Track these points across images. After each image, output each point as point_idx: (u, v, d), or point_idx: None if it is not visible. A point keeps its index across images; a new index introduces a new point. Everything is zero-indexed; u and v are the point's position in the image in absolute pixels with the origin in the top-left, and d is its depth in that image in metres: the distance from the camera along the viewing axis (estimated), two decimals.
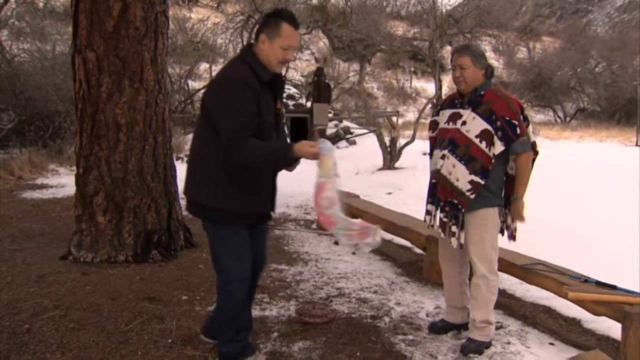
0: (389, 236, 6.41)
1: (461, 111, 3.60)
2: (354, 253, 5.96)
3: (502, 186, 3.66)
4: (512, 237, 3.77)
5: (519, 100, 3.61)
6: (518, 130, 3.43)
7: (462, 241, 3.59)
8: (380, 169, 11.66)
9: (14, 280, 4.75)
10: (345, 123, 16.56)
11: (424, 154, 14.17)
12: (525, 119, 3.54)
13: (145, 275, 4.96)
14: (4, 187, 9.20)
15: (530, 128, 3.62)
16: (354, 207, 6.46)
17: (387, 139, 12.04)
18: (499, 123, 3.44)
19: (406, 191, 9.26)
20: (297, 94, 18.15)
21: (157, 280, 4.83)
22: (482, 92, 3.55)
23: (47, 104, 11.57)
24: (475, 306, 3.67)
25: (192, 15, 23.44)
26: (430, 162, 3.85)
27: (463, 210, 3.54)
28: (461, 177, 3.51)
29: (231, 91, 2.89)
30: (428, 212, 3.80)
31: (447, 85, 23.77)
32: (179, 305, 4.28)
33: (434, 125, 3.86)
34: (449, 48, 14.70)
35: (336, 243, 6.30)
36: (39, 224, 6.79)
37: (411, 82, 30.04)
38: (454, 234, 3.60)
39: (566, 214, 7.48)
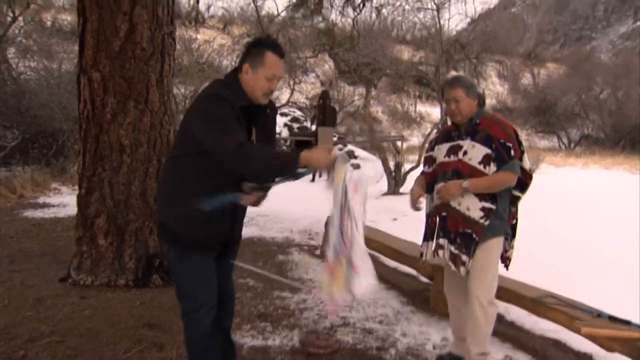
0: (393, 264, 6.30)
1: (460, 142, 3.58)
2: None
3: (508, 210, 3.64)
4: (506, 265, 3.77)
5: (512, 125, 3.60)
6: (512, 153, 3.43)
7: (469, 269, 3.52)
8: (384, 194, 11.57)
9: (11, 303, 4.65)
10: (350, 147, 16.49)
11: None
12: (520, 144, 3.53)
13: (146, 300, 4.85)
14: (5, 206, 9.13)
15: (526, 156, 3.60)
16: None
17: (391, 164, 11.97)
18: (493, 146, 3.45)
19: (411, 217, 9.08)
20: (302, 116, 18.12)
21: (157, 305, 4.72)
22: (478, 121, 3.56)
23: (51, 122, 11.54)
24: (472, 338, 3.59)
25: (199, 37, 23.54)
26: (429, 199, 3.79)
27: (477, 239, 3.47)
28: (472, 205, 3.48)
29: (216, 106, 2.76)
30: (439, 246, 3.67)
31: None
32: (179, 332, 4.10)
33: (429, 161, 3.82)
34: (454, 73, 14.76)
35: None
36: (39, 244, 6.69)
37: (415, 107, 30.08)
38: (463, 264, 3.52)
39: (574, 243, 7.37)
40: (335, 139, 15.13)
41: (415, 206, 3.77)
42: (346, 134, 18.74)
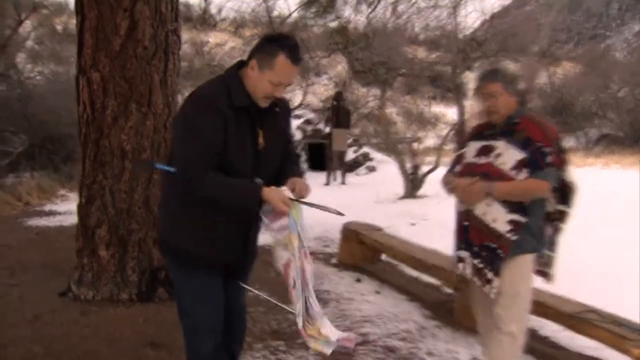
0: (415, 273, 5.95)
1: (493, 143, 3.14)
2: (377, 292, 5.48)
3: (542, 225, 3.20)
4: (546, 280, 3.31)
5: (556, 129, 3.16)
6: (549, 159, 3.00)
7: (496, 291, 3.10)
8: (401, 198, 11.17)
9: (6, 320, 4.35)
10: (365, 149, 16.14)
11: None
12: (563, 151, 3.11)
13: (150, 316, 4.52)
14: (10, 214, 8.87)
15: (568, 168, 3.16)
16: (378, 242, 6.00)
17: (408, 166, 11.58)
18: (532, 149, 3.02)
19: (431, 222, 8.76)
20: (315, 118, 17.77)
21: (161, 321, 4.39)
22: (517, 120, 3.11)
23: (58, 127, 11.30)
24: None
25: (210, 40, 23.27)
26: (457, 203, 3.35)
27: (503, 255, 3.05)
28: (499, 217, 3.04)
29: (193, 111, 2.47)
30: (460, 260, 3.27)
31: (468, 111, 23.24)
32: (184, 352, 3.82)
33: (458, 160, 3.38)
34: (467, 73, 14.35)
35: (358, 280, 5.83)
36: (40, 254, 6.38)
37: (430, 107, 29.63)
38: (489, 282, 3.10)
39: (614, 251, 6.92)
40: (349, 140, 14.79)
41: (447, 185, 3.33)
42: (360, 136, 18.40)
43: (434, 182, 12.20)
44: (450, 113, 31.12)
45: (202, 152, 2.42)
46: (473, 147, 3.26)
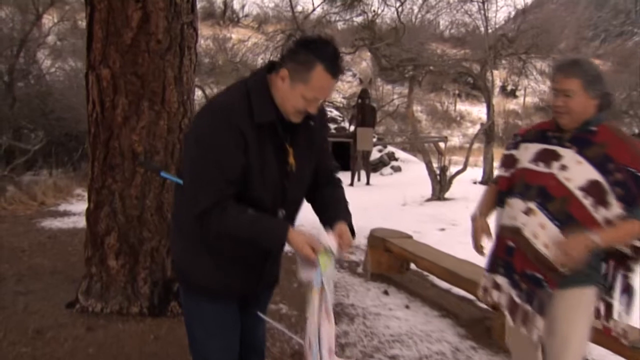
0: (446, 285, 5.53)
1: (559, 149, 2.55)
2: (407, 307, 5.08)
3: (602, 257, 2.60)
4: (608, 330, 2.67)
5: None
6: None
7: (540, 333, 2.54)
8: (428, 200, 10.77)
9: (7, 335, 4.01)
10: (390, 148, 15.69)
11: (475, 183, 13.28)
12: None
13: (162, 334, 4.16)
14: (25, 214, 8.59)
15: None
16: (407, 251, 5.58)
17: (434, 166, 11.16)
18: (618, 175, 2.41)
19: (460, 227, 8.33)
20: (339, 116, 17.36)
21: (174, 340, 4.03)
22: (594, 128, 2.51)
23: (77, 124, 11.02)
24: None
25: (233, 36, 23.01)
26: (499, 214, 2.78)
27: (549, 289, 2.49)
28: (552, 243, 2.46)
29: (207, 127, 2.06)
30: (496, 286, 2.68)
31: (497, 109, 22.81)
32: None
33: (509, 162, 2.77)
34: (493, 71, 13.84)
35: (386, 292, 5.43)
36: (51, 259, 6.07)
37: (455, 106, 29.11)
38: (526, 320, 2.53)
39: None
40: (374, 139, 14.35)
41: (479, 249, 2.77)
42: (385, 135, 17.97)
43: (460, 184, 11.81)
44: (475, 111, 30.64)
45: (216, 180, 2.05)
46: (531, 149, 2.67)
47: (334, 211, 2.30)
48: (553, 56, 11.87)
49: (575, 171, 2.48)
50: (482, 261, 5.61)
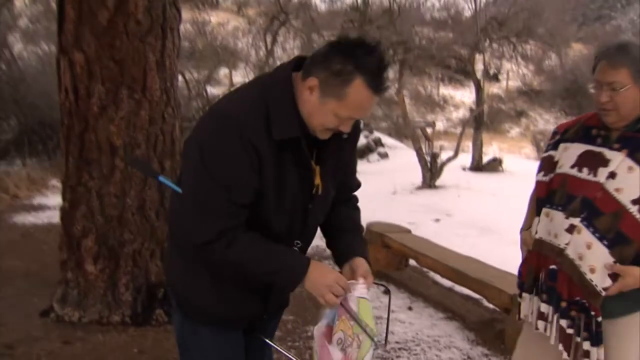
0: (448, 283, 5.20)
1: (605, 152, 2.13)
2: (410, 308, 4.74)
3: None
4: None
5: None
6: None
7: None
8: (419, 188, 10.44)
9: None
10: (376, 134, 15.33)
11: (464, 169, 12.98)
12: None
13: (146, 345, 3.79)
14: None
15: None
16: (408, 248, 5.23)
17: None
18: None
19: (455, 218, 8.04)
20: None
21: (161, 354, 3.66)
22: None
23: (51, 111, 10.49)
24: None
25: (212, 19, 22.45)
26: (536, 224, 2.33)
27: (597, 317, 2.09)
28: (599, 266, 2.06)
29: (214, 139, 1.66)
30: (542, 316, 2.23)
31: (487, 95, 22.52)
32: None
33: (548, 165, 2.34)
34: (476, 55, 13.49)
35: (386, 292, 5.09)
36: (25, 260, 5.61)
37: (439, 90, 28.80)
38: (586, 355, 2.12)
39: None
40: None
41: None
42: (369, 120, 17.60)
43: (450, 171, 11.53)
44: (459, 95, 30.33)
45: (223, 205, 1.66)
46: (572, 150, 2.23)
47: (351, 240, 1.95)
48: (545, 40, 11.64)
49: (627, 180, 2.05)
50: (486, 257, 5.27)
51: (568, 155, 2.24)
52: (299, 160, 1.72)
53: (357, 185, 2.07)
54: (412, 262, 5.64)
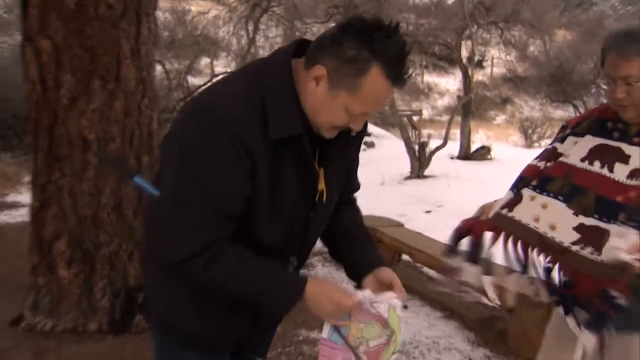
0: (444, 279, 4.98)
1: (624, 146, 1.89)
2: (405, 307, 4.50)
3: None
4: None
5: None
6: None
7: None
8: (408, 178, 10.23)
9: None
10: None
11: (452, 158, 12.79)
12: None
13: (126, 355, 3.53)
14: None
15: None
16: (402, 243, 5.00)
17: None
18: None
19: (446, 208, 7.82)
20: None
21: None
22: None
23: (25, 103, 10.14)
24: None
25: (192, 8, 22.03)
26: (505, 199, 2.05)
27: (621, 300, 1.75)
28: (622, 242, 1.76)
29: (200, 137, 1.38)
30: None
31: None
32: None
33: (549, 155, 2.08)
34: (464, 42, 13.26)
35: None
36: None
37: (423, 77, 28.63)
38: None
39: None
40: None
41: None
42: None
43: (437, 160, 11.34)
44: (443, 82, 30.20)
45: (207, 215, 1.39)
46: (583, 143, 1.97)
47: (365, 248, 1.71)
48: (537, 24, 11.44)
49: None
50: None
51: (577, 148, 1.97)
52: (300, 162, 1.46)
53: (358, 186, 1.83)
54: (404, 256, 5.42)
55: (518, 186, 2.06)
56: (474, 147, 13.44)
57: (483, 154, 12.86)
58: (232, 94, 1.42)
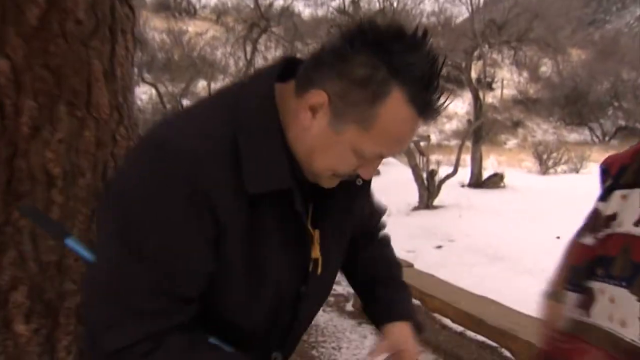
0: (459, 328, 4.47)
1: None
2: None
3: None
4: None
5: None
6: None
7: None
8: (416, 208, 9.73)
9: None
10: None
11: (463, 186, 12.29)
12: None
13: None
14: None
15: None
16: (414, 288, 4.48)
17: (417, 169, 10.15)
18: None
19: (459, 243, 7.32)
20: None
21: None
22: None
23: None
24: None
25: (190, 29, 21.82)
26: (571, 301, 1.65)
27: None
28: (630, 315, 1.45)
29: (146, 189, 0.95)
30: None
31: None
32: None
33: (595, 222, 1.63)
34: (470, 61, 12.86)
35: None
36: None
37: None
38: None
39: None
40: None
41: None
42: None
43: (449, 188, 10.83)
44: (451, 106, 29.85)
45: (150, 298, 0.99)
46: (634, 199, 1.51)
47: (385, 294, 1.37)
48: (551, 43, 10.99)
49: None
50: (501, 293, 4.54)
51: (629, 206, 1.51)
52: (287, 224, 1.06)
53: (380, 213, 1.46)
54: (415, 300, 4.91)
55: (577, 281, 1.61)
56: (485, 174, 12.93)
57: (496, 181, 12.34)
58: (196, 127, 0.99)
